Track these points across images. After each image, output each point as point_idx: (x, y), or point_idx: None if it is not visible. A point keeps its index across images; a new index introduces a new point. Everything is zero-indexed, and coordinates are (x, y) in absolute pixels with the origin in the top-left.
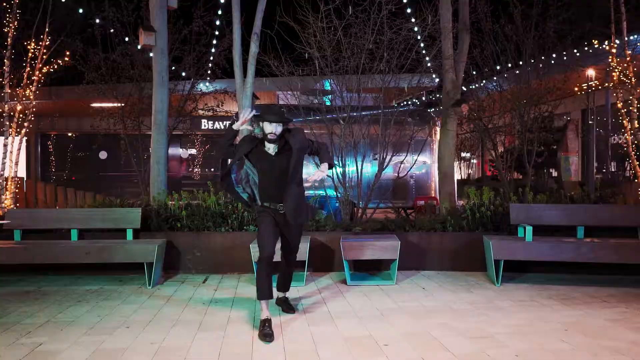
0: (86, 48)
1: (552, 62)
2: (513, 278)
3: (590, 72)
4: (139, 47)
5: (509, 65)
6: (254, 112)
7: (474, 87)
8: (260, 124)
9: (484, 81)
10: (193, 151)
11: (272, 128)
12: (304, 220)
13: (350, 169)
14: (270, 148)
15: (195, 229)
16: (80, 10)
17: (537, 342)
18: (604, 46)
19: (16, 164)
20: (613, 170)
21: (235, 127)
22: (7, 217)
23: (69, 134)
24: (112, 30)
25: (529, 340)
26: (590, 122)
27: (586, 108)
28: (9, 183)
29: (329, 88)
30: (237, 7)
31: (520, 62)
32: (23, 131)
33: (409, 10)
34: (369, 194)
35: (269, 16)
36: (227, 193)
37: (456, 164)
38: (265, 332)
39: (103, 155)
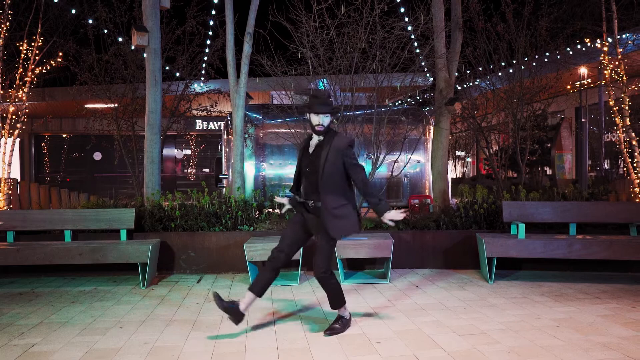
0: (79, 49)
1: (545, 60)
2: (506, 275)
3: (583, 70)
4: (132, 47)
5: (502, 63)
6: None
7: (467, 85)
8: (307, 115)
9: (477, 80)
10: (187, 151)
11: (318, 120)
12: (337, 233)
13: None
14: (316, 139)
15: (189, 229)
16: (73, 11)
17: (529, 338)
18: (595, 44)
19: (9, 165)
20: (606, 167)
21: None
22: (0, 218)
23: (63, 135)
24: (105, 31)
25: (521, 336)
26: (583, 120)
27: (579, 106)
28: (2, 184)
29: (322, 88)
30: (230, 7)
31: (513, 61)
32: (16, 132)
33: (402, 10)
34: None
35: (261, 16)
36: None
37: (451, 162)
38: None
39: (97, 156)
